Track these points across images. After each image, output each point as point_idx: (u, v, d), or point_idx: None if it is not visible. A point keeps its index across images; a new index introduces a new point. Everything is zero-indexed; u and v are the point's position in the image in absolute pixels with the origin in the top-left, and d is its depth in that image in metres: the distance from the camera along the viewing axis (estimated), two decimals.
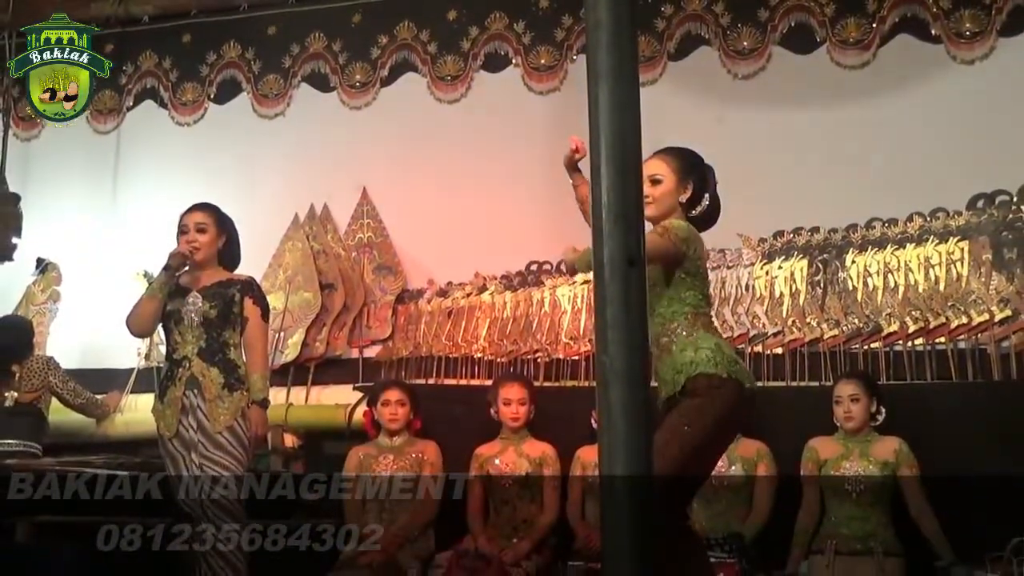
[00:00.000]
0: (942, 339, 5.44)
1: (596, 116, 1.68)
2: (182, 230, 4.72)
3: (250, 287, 4.75)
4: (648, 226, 3.72)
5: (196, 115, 7.54)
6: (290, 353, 6.64)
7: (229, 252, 4.84)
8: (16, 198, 6.86)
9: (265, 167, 7.17)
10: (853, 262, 5.75)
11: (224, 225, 4.81)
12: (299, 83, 7.30)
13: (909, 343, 5.49)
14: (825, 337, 5.63)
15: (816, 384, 5.53)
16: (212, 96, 7.52)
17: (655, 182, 3.74)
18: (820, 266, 5.81)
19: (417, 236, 6.79)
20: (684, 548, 3.41)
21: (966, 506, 4.78)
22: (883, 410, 5.02)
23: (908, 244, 5.68)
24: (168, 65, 7.63)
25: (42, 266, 7.45)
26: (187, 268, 4.71)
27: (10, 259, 7.01)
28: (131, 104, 7.71)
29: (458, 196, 6.60)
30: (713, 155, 6.11)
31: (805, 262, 5.84)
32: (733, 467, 5.19)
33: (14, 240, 6.87)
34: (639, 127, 1.69)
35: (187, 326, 4.62)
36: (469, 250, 6.49)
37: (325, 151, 7.09)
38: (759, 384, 5.60)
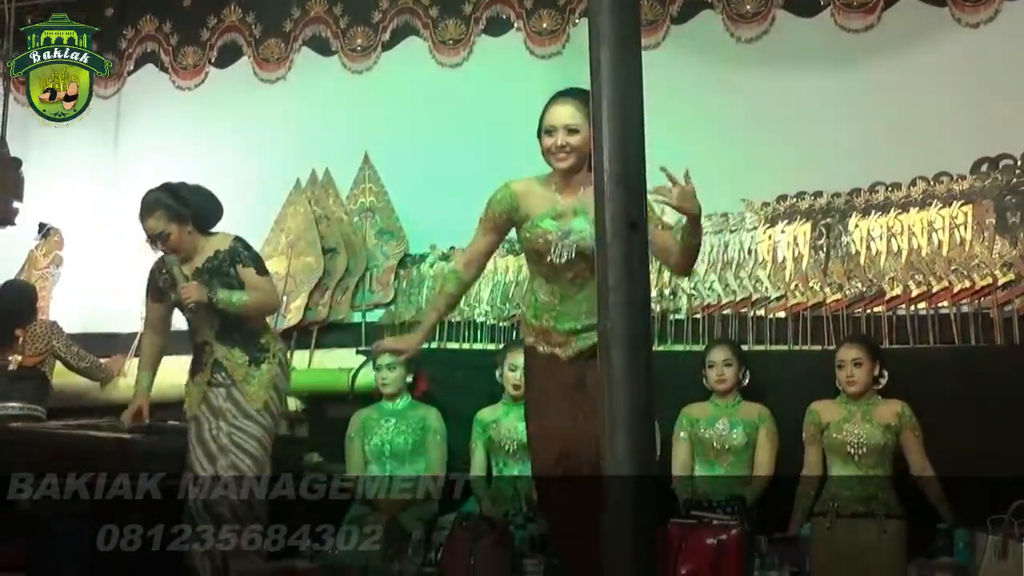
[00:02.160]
0: (945, 303, 5.43)
1: (598, 80, 1.67)
2: (148, 240, 4.61)
3: (236, 254, 4.64)
4: (580, 180, 3.69)
5: (197, 79, 7.52)
6: (292, 317, 6.64)
7: (202, 221, 4.68)
8: (17, 163, 6.85)
9: (267, 132, 7.15)
10: (856, 226, 5.74)
11: (182, 210, 4.59)
12: (300, 47, 7.27)
13: (912, 307, 5.49)
14: (828, 301, 5.63)
15: (819, 348, 5.53)
16: (213, 60, 7.50)
17: (572, 131, 3.65)
18: (823, 230, 5.80)
19: (419, 200, 6.77)
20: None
21: (968, 469, 4.80)
22: (885, 374, 5.02)
23: (912, 208, 5.66)
24: (168, 29, 7.60)
25: (44, 231, 7.45)
26: None
27: (12, 224, 7.00)
28: (132, 68, 7.68)
29: (459, 160, 6.57)
30: (716, 119, 6.14)
31: (808, 226, 5.82)
32: (735, 430, 5.21)
33: (16, 204, 6.86)
34: (641, 91, 1.69)
35: (196, 313, 4.60)
36: (471, 214, 6.44)
37: (327, 115, 7.07)
38: (762, 348, 5.65)
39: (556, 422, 3.59)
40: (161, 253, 4.67)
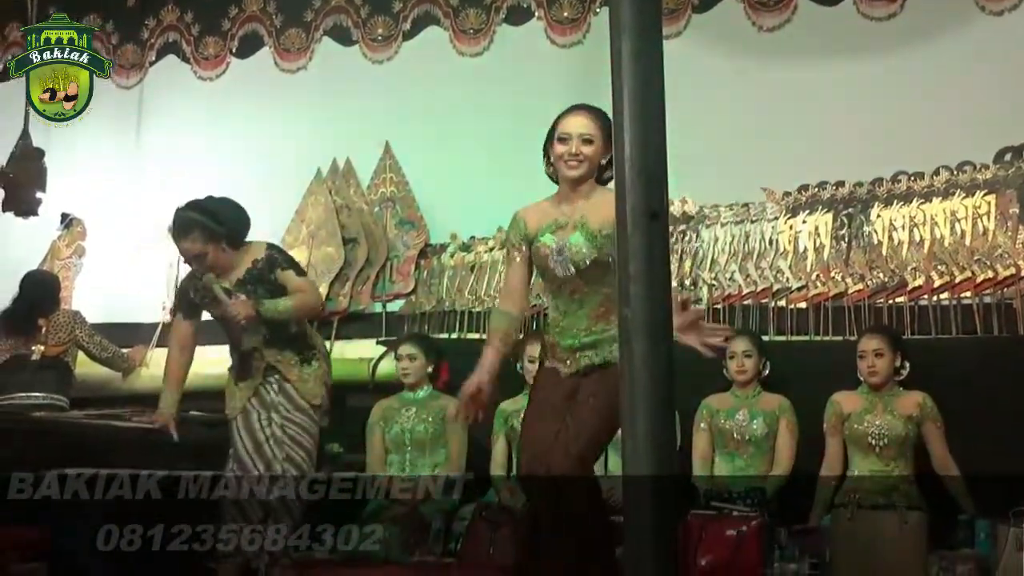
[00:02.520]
0: (968, 293, 5.40)
1: (619, 69, 1.67)
2: (185, 260, 4.67)
3: (273, 261, 4.68)
4: (595, 191, 3.69)
5: (218, 70, 7.54)
6: None
7: (236, 237, 4.70)
8: (40, 153, 6.88)
9: (287, 122, 7.17)
10: (878, 216, 5.70)
11: (216, 229, 4.60)
12: (321, 37, 7.28)
13: (934, 297, 5.46)
14: (849, 292, 5.60)
15: (840, 339, 5.51)
16: (234, 50, 7.52)
17: (587, 142, 3.65)
18: (845, 220, 5.76)
19: (439, 191, 6.78)
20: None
21: (990, 460, 4.77)
22: (907, 365, 4.99)
23: (934, 198, 5.62)
24: (190, 19, 7.62)
25: (67, 221, 7.49)
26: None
27: (35, 214, 7.04)
28: (153, 59, 7.72)
29: (480, 150, 6.58)
30: (737, 108, 6.12)
31: (830, 216, 5.79)
32: (755, 421, 5.20)
33: (39, 195, 6.89)
34: (662, 80, 1.68)
35: (242, 324, 4.63)
36: (492, 205, 6.47)
37: (348, 105, 7.08)
38: (783, 338, 5.64)
39: (540, 433, 3.62)
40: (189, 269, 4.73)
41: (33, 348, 5.79)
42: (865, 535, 4.55)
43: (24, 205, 6.89)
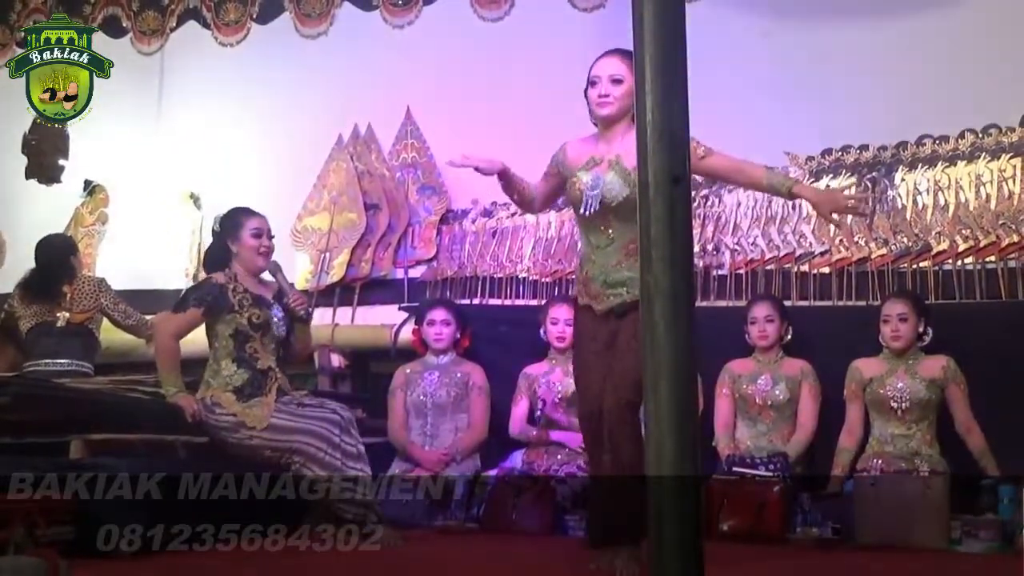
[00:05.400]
0: (992, 258, 5.37)
1: (641, 32, 1.65)
2: (255, 233, 4.72)
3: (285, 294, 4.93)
4: (632, 133, 3.69)
5: (239, 35, 7.54)
6: (335, 274, 6.67)
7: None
8: None
9: (308, 87, 7.16)
10: (903, 180, 5.67)
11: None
12: (341, 2, 7.26)
13: (959, 262, 5.43)
14: (873, 256, 5.58)
15: (863, 303, 5.49)
16: (254, 16, 7.51)
17: (616, 82, 3.79)
18: (869, 184, 5.73)
19: None
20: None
21: (1013, 424, 4.76)
22: (930, 331, 4.98)
23: (959, 161, 5.58)
24: None
25: (89, 188, 7.52)
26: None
27: (58, 181, 7.06)
28: (174, 25, 7.72)
29: (502, 115, 6.54)
30: (760, 72, 6.07)
31: (854, 180, 5.75)
32: (777, 386, 5.19)
33: (61, 162, 6.91)
34: (684, 43, 1.67)
35: (271, 337, 4.70)
36: (513, 170, 6.44)
37: (368, 71, 7.06)
38: (805, 303, 5.62)
39: (590, 381, 3.76)
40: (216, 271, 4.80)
41: (58, 315, 5.81)
42: (888, 500, 4.54)
43: (47, 172, 6.92)
